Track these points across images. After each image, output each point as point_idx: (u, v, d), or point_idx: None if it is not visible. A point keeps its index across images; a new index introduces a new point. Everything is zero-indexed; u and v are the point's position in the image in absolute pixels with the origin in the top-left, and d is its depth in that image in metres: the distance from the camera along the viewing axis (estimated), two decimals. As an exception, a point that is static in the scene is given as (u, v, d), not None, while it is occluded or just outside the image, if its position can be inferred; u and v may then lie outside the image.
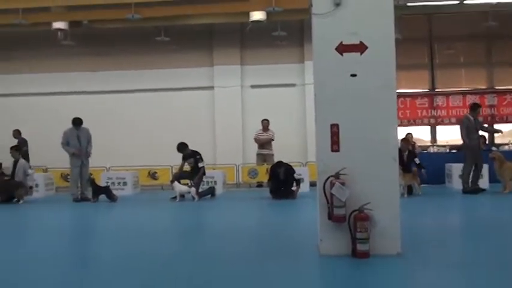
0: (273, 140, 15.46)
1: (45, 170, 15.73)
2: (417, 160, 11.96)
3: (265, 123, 15.53)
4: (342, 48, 5.48)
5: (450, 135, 17.53)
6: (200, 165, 12.41)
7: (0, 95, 17.84)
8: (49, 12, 15.66)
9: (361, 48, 5.46)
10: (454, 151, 15.18)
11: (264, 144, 15.45)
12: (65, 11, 15.93)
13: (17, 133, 15.93)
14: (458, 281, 4.69)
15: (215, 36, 17.61)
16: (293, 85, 17.36)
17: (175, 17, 15.80)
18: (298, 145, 16.87)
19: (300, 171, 12.81)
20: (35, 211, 11.30)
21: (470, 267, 5.15)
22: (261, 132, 15.54)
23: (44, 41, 17.01)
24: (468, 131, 11.75)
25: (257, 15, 15.07)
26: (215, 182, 13.55)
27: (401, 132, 14.94)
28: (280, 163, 12.34)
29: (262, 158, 15.37)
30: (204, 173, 12.60)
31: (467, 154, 11.80)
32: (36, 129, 17.30)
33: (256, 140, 15.58)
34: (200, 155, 12.55)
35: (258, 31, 16.33)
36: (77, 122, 12.51)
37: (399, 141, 12.95)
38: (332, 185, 5.34)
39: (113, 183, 13.65)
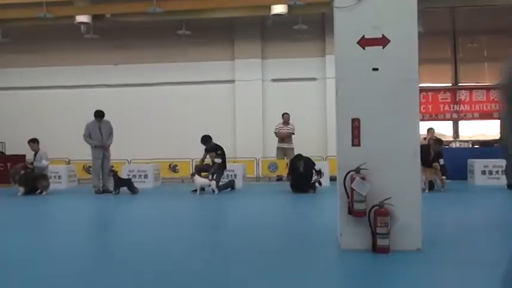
0: (293, 134, 15.45)
1: (68, 162, 15.94)
2: (442, 161, 11.78)
3: (286, 117, 15.52)
4: (364, 42, 5.44)
5: (473, 130, 17.33)
6: (216, 160, 12.41)
7: (24, 88, 18.10)
8: (72, 6, 15.82)
9: (383, 42, 5.41)
10: (476, 146, 14.99)
11: (285, 138, 15.44)
12: (88, 5, 16.08)
13: None
14: (478, 279, 4.64)
15: (236, 30, 17.61)
16: (314, 79, 17.31)
17: (196, 10, 15.84)
18: (318, 139, 16.83)
19: (320, 166, 12.76)
20: (58, 202, 11.46)
21: (491, 265, 5.08)
22: (281, 126, 15.53)
23: (68, 34, 17.20)
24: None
25: (278, 9, 15.03)
26: (235, 176, 13.58)
27: (423, 127, 14.80)
28: (299, 156, 12.32)
29: (282, 152, 15.37)
30: (224, 167, 12.64)
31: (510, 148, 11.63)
32: (59, 122, 17.58)
33: (276, 133, 15.58)
34: (222, 150, 12.56)
35: (279, 25, 16.31)
36: (99, 114, 12.64)
37: (430, 140, 12.82)
38: (352, 179, 5.32)
39: (134, 175, 13.77)
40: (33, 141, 13.14)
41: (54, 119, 17.72)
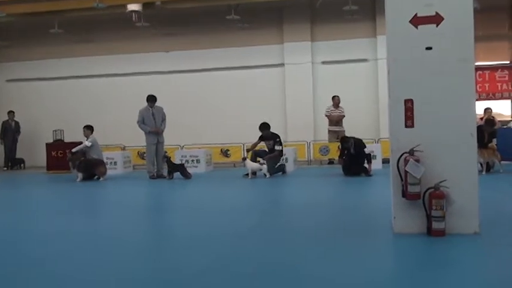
0: (344, 116, 15.31)
1: (123, 148, 16.35)
2: (495, 141, 11.42)
3: (337, 100, 15.38)
4: (417, 21, 5.30)
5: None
6: (277, 148, 12.46)
7: (79, 77, 18.63)
8: (123, -5, 16.07)
9: (437, 19, 5.25)
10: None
11: (338, 121, 15.32)
12: (138, -7, 16.28)
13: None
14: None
15: (285, 13, 17.50)
16: (365, 60, 17.04)
17: (245, -6, 15.82)
18: (370, 121, 16.61)
19: (372, 148, 12.60)
20: (115, 188, 11.78)
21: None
22: (332, 108, 15.40)
23: (119, 23, 17.54)
24: None
25: (327, -10, 14.81)
26: (286, 159, 13.60)
27: (480, 106, 14.36)
28: (347, 138, 12.12)
29: (335, 135, 15.24)
30: (280, 155, 12.65)
31: None
32: (114, 109, 18.01)
33: (328, 116, 15.46)
34: (280, 138, 12.60)
35: (328, 6, 16.10)
36: (151, 99, 12.85)
37: (482, 122, 12.43)
38: (406, 161, 5.22)
39: (186, 161, 14.00)
40: (87, 128, 13.47)
41: (108, 107, 18.17)
